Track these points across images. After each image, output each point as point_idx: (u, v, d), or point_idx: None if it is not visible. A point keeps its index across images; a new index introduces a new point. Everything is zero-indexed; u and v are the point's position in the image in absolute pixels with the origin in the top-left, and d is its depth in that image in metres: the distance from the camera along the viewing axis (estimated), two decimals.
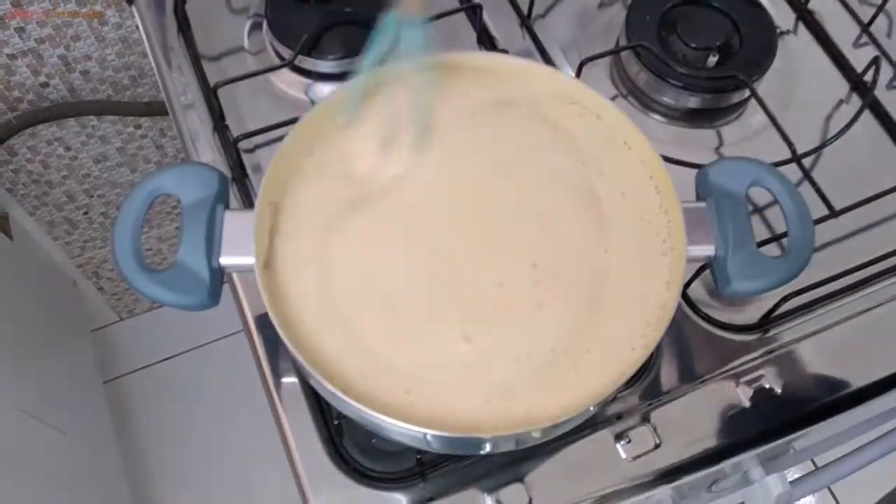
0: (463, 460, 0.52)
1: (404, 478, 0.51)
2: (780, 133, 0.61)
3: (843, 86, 0.68)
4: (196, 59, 0.66)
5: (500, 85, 0.50)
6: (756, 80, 0.64)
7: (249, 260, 0.43)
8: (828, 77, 0.68)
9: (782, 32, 0.69)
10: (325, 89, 0.65)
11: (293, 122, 0.48)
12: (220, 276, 0.45)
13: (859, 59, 0.67)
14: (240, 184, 0.60)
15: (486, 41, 0.68)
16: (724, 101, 0.65)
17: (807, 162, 0.61)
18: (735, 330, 0.57)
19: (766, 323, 0.57)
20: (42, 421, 0.95)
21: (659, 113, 0.66)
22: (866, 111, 0.65)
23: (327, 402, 0.52)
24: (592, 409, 0.43)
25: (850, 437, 0.70)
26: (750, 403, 0.54)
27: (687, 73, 0.63)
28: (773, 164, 0.48)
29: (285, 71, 0.65)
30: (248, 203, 0.59)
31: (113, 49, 0.86)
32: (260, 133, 0.61)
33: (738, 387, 0.55)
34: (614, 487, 0.52)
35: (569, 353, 0.43)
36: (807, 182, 0.59)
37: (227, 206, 0.46)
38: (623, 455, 0.52)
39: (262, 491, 1.25)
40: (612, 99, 0.63)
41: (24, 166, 0.96)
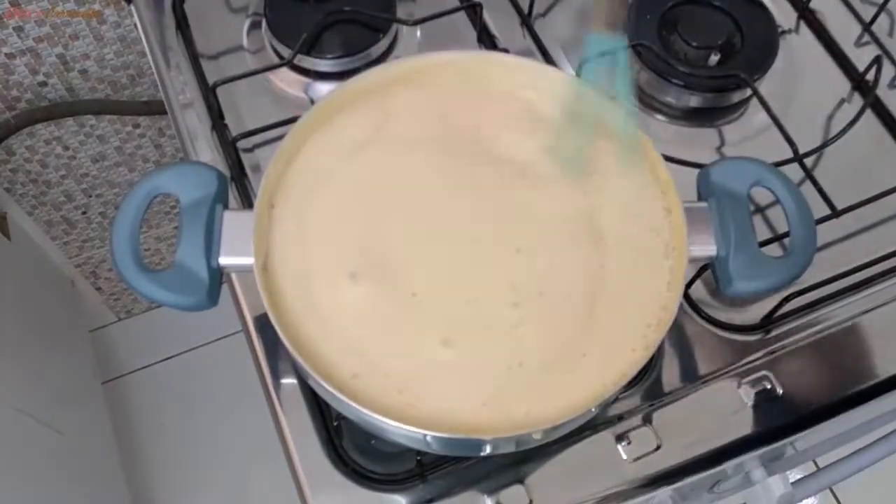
0: (463, 462, 0.52)
1: (404, 479, 0.51)
2: (782, 132, 0.61)
3: (845, 85, 0.67)
4: (195, 58, 0.65)
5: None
6: (758, 79, 0.63)
7: (249, 260, 0.43)
8: (829, 76, 0.68)
9: (784, 31, 0.69)
10: (324, 88, 0.65)
11: (292, 121, 0.48)
12: (219, 277, 0.44)
13: (861, 58, 0.67)
14: (239, 183, 0.60)
15: (486, 40, 0.67)
16: (725, 100, 0.65)
17: (808, 161, 0.61)
18: (737, 330, 0.56)
19: (768, 323, 0.57)
20: (40, 421, 0.95)
21: (660, 112, 0.66)
22: (868, 110, 0.65)
23: (327, 403, 0.52)
24: (594, 411, 0.43)
25: (853, 438, 0.70)
26: (752, 404, 0.54)
27: (688, 72, 0.63)
28: (774, 163, 0.48)
29: (284, 70, 0.64)
30: (248, 203, 0.59)
31: (111, 48, 0.86)
32: (259, 132, 0.60)
33: (739, 387, 0.54)
34: (615, 489, 0.51)
35: (565, 357, 0.43)
36: (808, 182, 0.59)
37: (226, 206, 0.46)
38: (624, 456, 0.52)
39: (261, 492, 1.24)
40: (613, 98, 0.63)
41: (22, 166, 0.96)
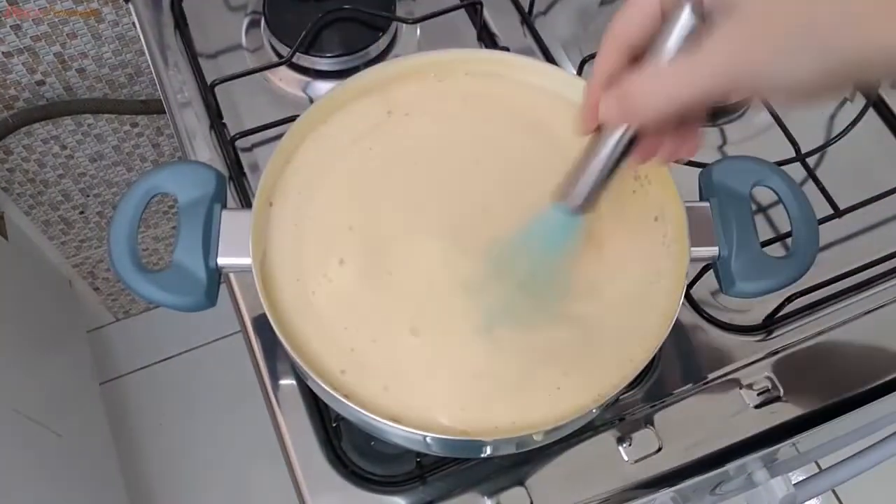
0: (463, 463, 0.51)
1: (404, 481, 0.51)
2: (784, 132, 0.60)
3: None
4: (193, 57, 0.65)
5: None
6: None
7: (247, 260, 0.43)
8: None
9: None
10: (323, 87, 0.64)
11: (291, 120, 0.48)
12: (217, 277, 0.44)
13: None
14: (237, 183, 0.59)
15: (487, 38, 0.67)
16: (727, 99, 0.64)
17: (811, 161, 0.61)
18: (739, 331, 0.56)
19: (771, 324, 0.56)
20: (37, 422, 0.94)
21: None
22: (870, 110, 0.65)
23: (325, 404, 0.52)
24: (594, 412, 0.43)
25: (855, 440, 0.70)
26: (753, 405, 0.54)
27: None
28: (776, 163, 0.48)
29: (283, 68, 0.64)
30: (246, 202, 0.59)
31: (109, 47, 0.85)
32: (257, 131, 0.60)
33: (741, 388, 0.54)
34: (616, 491, 0.51)
35: (563, 359, 0.42)
36: (811, 181, 0.59)
37: (224, 206, 0.45)
38: (625, 458, 0.52)
39: (260, 493, 1.24)
40: None
41: (19, 165, 0.96)
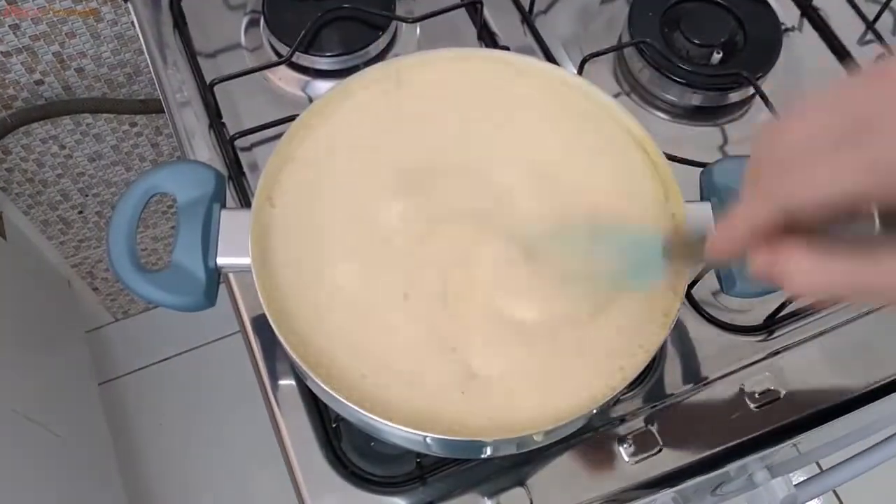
0: (463, 464, 0.51)
1: (404, 482, 0.51)
2: None
3: None
4: (192, 56, 0.65)
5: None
6: (760, 77, 0.63)
7: (246, 260, 0.43)
8: (833, 74, 0.67)
9: (787, 29, 0.69)
10: (322, 86, 0.64)
11: (291, 119, 0.47)
12: (216, 277, 0.44)
13: (864, 56, 0.67)
14: (236, 182, 0.59)
15: (487, 37, 0.67)
16: (728, 98, 0.64)
17: None
18: (739, 331, 0.56)
19: (771, 324, 0.56)
20: (36, 423, 0.94)
21: (662, 110, 0.65)
22: None
23: (325, 404, 0.51)
24: (595, 412, 0.43)
25: (856, 440, 0.70)
26: (754, 406, 0.53)
27: (691, 70, 0.62)
28: None
29: (282, 68, 0.64)
30: (245, 202, 0.58)
31: (108, 46, 0.85)
32: (257, 131, 0.60)
33: (742, 389, 0.54)
34: (617, 491, 0.51)
35: (562, 360, 0.42)
36: None
37: (223, 205, 0.45)
38: (626, 458, 0.52)
39: (260, 494, 1.24)
40: (616, 96, 0.62)
41: (18, 165, 0.95)
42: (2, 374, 0.91)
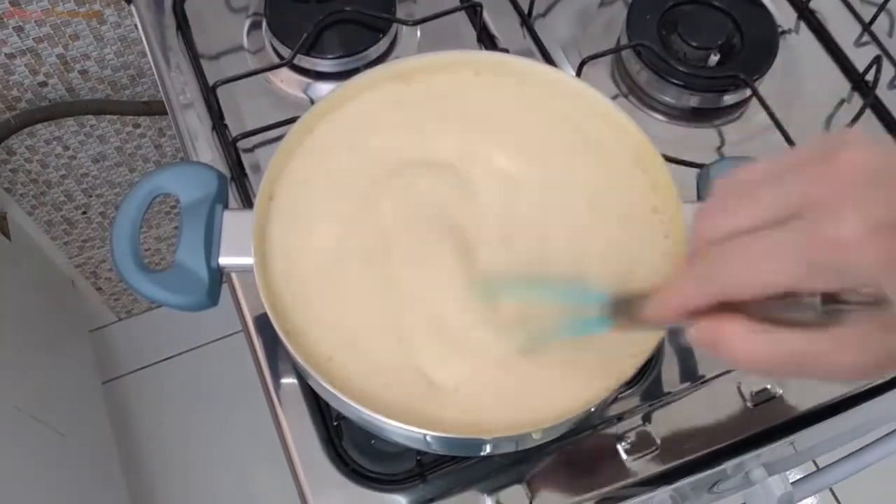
0: (463, 462, 0.52)
1: (404, 479, 0.51)
2: (782, 133, 0.61)
3: (845, 85, 0.67)
4: (195, 58, 0.65)
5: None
6: (757, 79, 0.63)
7: (248, 260, 0.43)
8: (829, 76, 0.68)
9: (784, 31, 0.69)
10: (323, 88, 0.65)
11: (292, 121, 0.48)
12: (219, 277, 0.44)
13: (861, 58, 0.67)
14: (239, 183, 0.60)
15: (486, 40, 0.67)
16: (725, 100, 0.64)
17: None
18: None
19: None
20: (40, 421, 0.95)
21: (660, 112, 0.66)
22: (868, 111, 0.65)
23: (327, 403, 0.52)
24: (593, 410, 0.43)
25: (852, 438, 0.70)
26: (751, 404, 0.54)
27: (688, 72, 0.63)
28: None
29: (284, 70, 0.64)
30: (248, 203, 0.59)
31: (112, 48, 0.86)
32: (259, 132, 0.60)
33: (739, 387, 0.54)
34: (614, 488, 0.51)
35: (561, 358, 0.43)
36: None
37: (226, 206, 0.46)
38: (624, 456, 0.52)
39: (262, 492, 1.24)
40: (614, 98, 0.63)
41: (22, 166, 0.96)
42: (5, 373, 0.91)
